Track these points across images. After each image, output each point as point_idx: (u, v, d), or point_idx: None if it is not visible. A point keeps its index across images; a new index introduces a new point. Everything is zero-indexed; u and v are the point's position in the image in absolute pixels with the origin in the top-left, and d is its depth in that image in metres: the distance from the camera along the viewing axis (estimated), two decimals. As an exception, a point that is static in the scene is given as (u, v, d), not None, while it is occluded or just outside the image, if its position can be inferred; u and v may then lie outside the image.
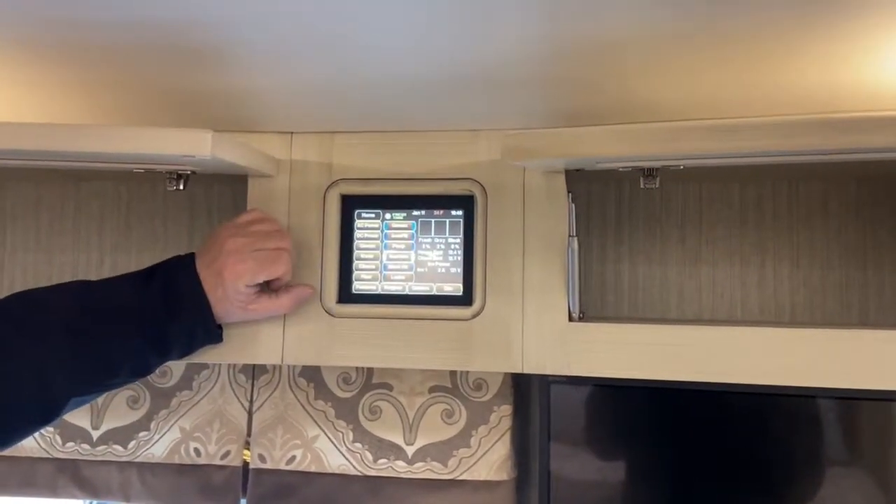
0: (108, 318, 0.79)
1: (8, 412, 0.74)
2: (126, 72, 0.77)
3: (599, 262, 1.07)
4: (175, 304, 0.81)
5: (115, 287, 0.82)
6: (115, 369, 0.80)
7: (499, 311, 0.89)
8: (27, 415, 0.76)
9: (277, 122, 0.93)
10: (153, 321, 0.80)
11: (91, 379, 0.78)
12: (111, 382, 0.81)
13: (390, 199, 0.93)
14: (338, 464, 1.05)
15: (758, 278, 1.04)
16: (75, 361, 0.76)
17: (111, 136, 0.72)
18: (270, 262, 0.84)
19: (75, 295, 0.80)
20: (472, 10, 0.59)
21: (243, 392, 1.09)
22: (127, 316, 0.79)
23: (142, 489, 1.07)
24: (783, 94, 0.77)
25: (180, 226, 1.15)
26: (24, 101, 0.85)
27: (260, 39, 0.68)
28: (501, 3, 0.58)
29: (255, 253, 0.83)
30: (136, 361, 0.81)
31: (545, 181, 0.89)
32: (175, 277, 0.82)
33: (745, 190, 1.04)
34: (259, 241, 0.84)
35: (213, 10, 0.61)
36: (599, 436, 0.97)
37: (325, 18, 0.62)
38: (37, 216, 1.18)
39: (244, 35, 0.67)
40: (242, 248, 0.83)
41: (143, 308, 0.80)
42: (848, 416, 0.89)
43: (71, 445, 1.10)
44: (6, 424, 0.75)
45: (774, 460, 0.91)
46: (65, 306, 0.78)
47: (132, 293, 0.81)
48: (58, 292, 0.81)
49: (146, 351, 0.81)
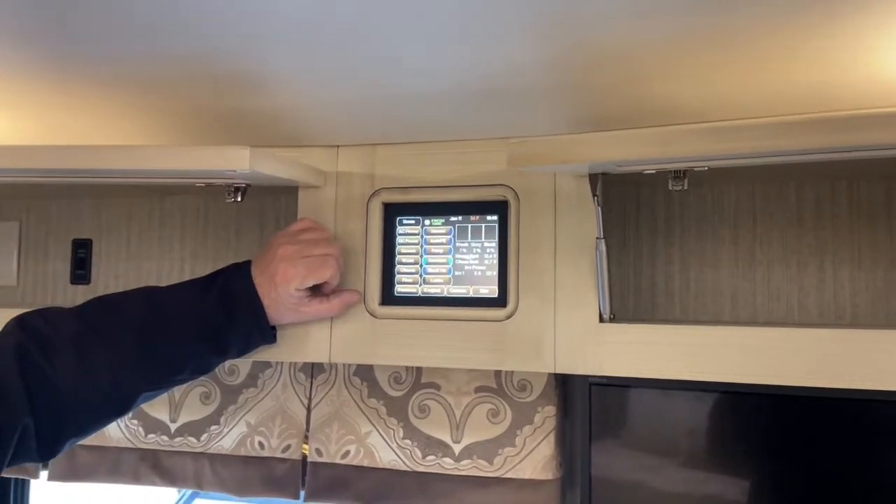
0: (173, 322, 0.87)
1: (86, 406, 0.83)
2: (185, 98, 0.86)
3: (649, 265, 1.06)
4: (232, 307, 0.88)
5: (178, 293, 0.90)
6: (179, 368, 0.88)
7: (532, 312, 0.91)
8: (103, 408, 0.85)
9: (325, 137, 1.00)
10: (213, 324, 0.88)
11: (157, 377, 0.87)
12: (176, 379, 0.89)
13: (429, 206, 0.98)
14: (389, 459, 1.10)
15: (816, 281, 1.00)
16: (143, 361, 0.85)
17: (161, 155, 0.80)
18: (318, 266, 0.90)
19: (144, 301, 0.89)
20: (500, 24, 0.63)
21: (303, 390, 1.16)
22: (189, 320, 0.87)
23: (213, 479, 1.16)
24: (813, 92, 0.76)
25: (251, 234, 1.24)
26: (97, 127, 0.96)
27: (304, 65, 0.75)
28: (524, 17, 0.61)
29: (304, 259, 0.90)
30: (197, 361, 0.89)
31: (576, 185, 0.91)
32: (232, 283, 0.90)
33: (801, 190, 1.01)
34: (308, 248, 0.91)
35: (266, 39, 0.68)
36: (642, 438, 0.97)
37: (364, 42, 0.68)
38: (127, 228, 1.30)
39: (291, 61, 0.74)
40: (293, 254, 0.90)
41: (204, 312, 0.88)
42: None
43: (152, 437, 1.20)
44: (85, 416, 0.84)
45: (826, 466, 0.88)
46: (135, 311, 0.87)
47: (194, 299, 0.89)
48: (129, 298, 0.90)
49: (206, 351, 0.88)
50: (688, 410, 0.95)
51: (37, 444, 0.80)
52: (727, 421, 0.94)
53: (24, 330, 0.81)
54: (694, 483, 0.94)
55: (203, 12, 0.63)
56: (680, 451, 0.95)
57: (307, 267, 0.90)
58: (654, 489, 0.96)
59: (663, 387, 0.94)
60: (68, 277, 1.32)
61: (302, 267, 0.89)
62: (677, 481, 0.95)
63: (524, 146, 0.74)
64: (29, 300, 1.34)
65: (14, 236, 1.35)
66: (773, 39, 0.64)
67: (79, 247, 1.31)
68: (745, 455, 0.93)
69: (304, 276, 0.89)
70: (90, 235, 1.31)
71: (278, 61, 0.74)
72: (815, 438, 0.89)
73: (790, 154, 0.65)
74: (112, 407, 0.85)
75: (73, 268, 1.31)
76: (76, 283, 1.31)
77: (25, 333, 0.81)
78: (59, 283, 1.32)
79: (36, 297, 1.33)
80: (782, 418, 0.90)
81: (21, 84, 0.84)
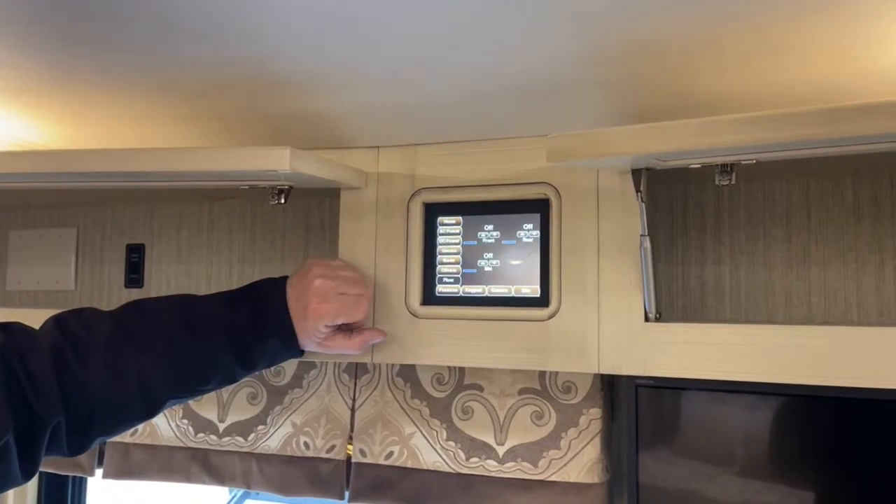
0: (203, 334, 0.89)
1: (114, 407, 0.85)
2: (231, 103, 0.89)
3: (698, 264, 1.04)
4: (262, 327, 0.90)
5: (212, 305, 0.92)
6: (207, 378, 0.90)
7: (575, 311, 0.90)
8: (130, 410, 0.87)
9: (366, 138, 1.01)
10: (241, 340, 0.89)
11: (185, 385, 0.89)
12: (203, 388, 0.91)
13: (470, 205, 0.97)
14: (432, 460, 1.10)
15: (875, 279, 0.96)
16: (172, 370, 0.87)
17: (204, 157, 0.82)
18: (351, 307, 0.91)
19: (178, 311, 0.90)
20: (539, 20, 0.63)
21: (347, 390, 1.17)
22: (219, 333, 0.89)
23: (260, 478, 1.18)
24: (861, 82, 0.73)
25: (297, 238, 1.25)
26: (146, 135, 0.99)
27: (349, 68, 0.76)
28: (563, 12, 0.61)
29: (338, 297, 0.90)
30: (224, 373, 0.90)
31: (619, 182, 0.89)
32: (265, 302, 0.91)
33: (858, 184, 0.97)
34: (344, 286, 0.91)
35: (311, 43, 0.70)
36: (695, 444, 0.94)
37: (405, 43, 0.69)
38: (178, 232, 1.33)
39: (337, 64, 0.75)
40: (329, 290, 0.90)
41: (235, 327, 0.89)
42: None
43: (201, 436, 1.23)
44: (112, 417, 0.86)
45: (883, 468, 0.84)
46: (168, 321, 0.89)
47: (226, 313, 0.90)
48: (164, 307, 0.91)
49: (234, 365, 0.90)
50: (743, 415, 0.91)
51: (66, 441, 0.82)
52: (786, 426, 0.90)
53: (60, 330, 0.84)
54: (751, 493, 0.90)
55: (251, 18, 0.65)
56: (735, 459, 0.92)
57: (341, 305, 0.90)
58: (707, 499, 0.92)
59: (716, 389, 0.91)
60: (122, 281, 1.36)
61: (335, 304, 0.90)
62: (733, 491, 0.91)
63: (563, 140, 0.73)
64: (86, 303, 1.38)
65: (72, 242, 1.40)
66: (818, 28, 0.62)
67: (132, 251, 1.35)
68: (807, 463, 0.89)
69: (335, 314, 0.90)
70: (143, 240, 1.35)
71: (324, 64, 0.75)
72: (883, 445, 0.84)
73: (838, 143, 0.63)
74: (139, 410, 0.87)
75: (127, 272, 1.35)
76: (130, 287, 1.35)
77: (61, 334, 0.84)
78: (115, 287, 1.37)
79: (93, 300, 1.37)
80: (846, 423, 0.86)
81: (72, 93, 0.87)
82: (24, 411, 0.78)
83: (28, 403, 0.78)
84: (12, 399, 0.77)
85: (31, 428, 0.78)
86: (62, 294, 1.40)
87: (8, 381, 0.78)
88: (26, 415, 0.78)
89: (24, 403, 0.78)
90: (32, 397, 0.79)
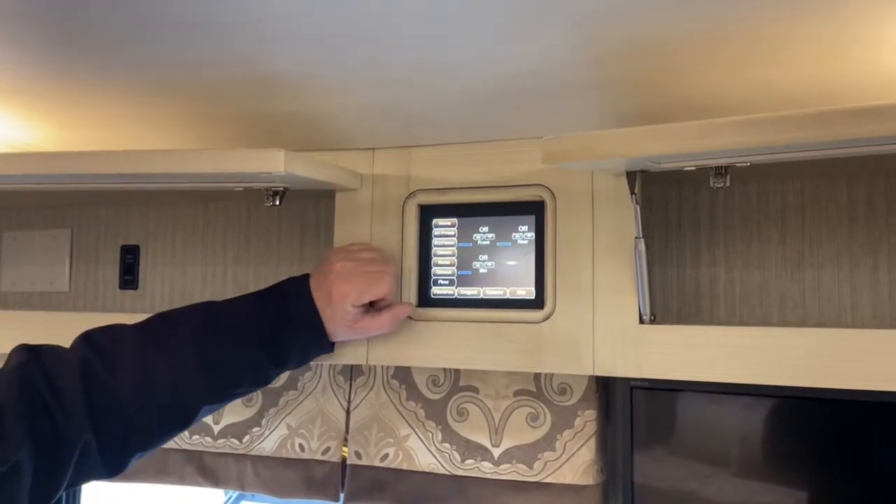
0: (231, 336, 0.88)
1: (149, 419, 0.84)
2: (224, 104, 0.88)
3: (693, 266, 1.04)
4: (290, 323, 0.89)
5: (237, 307, 0.91)
6: (239, 381, 0.89)
7: (569, 313, 0.90)
8: (165, 421, 0.86)
9: (361, 140, 1.01)
10: (270, 336, 0.89)
11: (217, 389, 0.88)
12: (236, 392, 0.91)
13: (465, 207, 0.97)
14: (427, 462, 1.09)
15: (870, 281, 0.96)
16: (203, 374, 0.86)
17: (198, 159, 0.82)
18: (374, 282, 0.91)
19: (203, 316, 0.90)
20: (537, 21, 0.63)
21: (342, 392, 1.16)
22: (248, 334, 0.88)
23: (255, 480, 1.17)
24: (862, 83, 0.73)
25: (293, 240, 1.25)
26: (140, 137, 0.99)
27: (340, 69, 0.76)
28: (561, 12, 0.61)
29: (361, 274, 0.90)
30: (256, 374, 0.90)
31: (614, 184, 0.89)
32: (290, 298, 0.91)
33: (852, 186, 0.98)
34: (364, 265, 0.91)
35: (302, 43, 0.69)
36: (690, 445, 0.94)
37: (400, 44, 0.69)
38: (173, 233, 1.33)
39: (328, 65, 0.75)
40: (350, 270, 0.90)
41: (261, 323, 0.89)
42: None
43: (196, 438, 1.22)
44: (148, 430, 0.85)
45: (889, 477, 0.84)
46: (195, 322, 0.88)
47: (252, 313, 0.90)
48: (188, 312, 0.91)
49: (265, 365, 0.89)
50: (738, 417, 0.92)
51: (101, 460, 0.81)
52: (781, 428, 0.90)
53: (88, 346, 0.83)
54: (747, 494, 0.91)
55: (241, 17, 0.64)
56: (730, 460, 0.92)
57: (364, 282, 0.90)
58: (702, 499, 0.92)
59: (711, 390, 0.91)
60: (117, 283, 1.35)
61: (358, 282, 0.90)
62: (728, 491, 0.92)
63: (558, 143, 0.73)
64: (80, 305, 1.38)
65: (66, 243, 1.39)
66: (817, 29, 0.62)
67: (127, 253, 1.35)
68: (802, 464, 0.89)
69: (360, 292, 0.90)
70: (137, 242, 1.35)
71: (315, 65, 0.75)
72: (876, 446, 0.85)
73: (834, 146, 0.63)
74: (174, 420, 0.87)
75: (121, 273, 1.35)
76: (124, 289, 1.34)
77: (90, 349, 0.83)
78: (109, 288, 1.36)
79: (87, 301, 1.37)
80: (840, 424, 0.87)
81: (66, 94, 0.86)
82: (45, 431, 0.76)
83: (52, 421, 0.77)
84: (31, 419, 0.75)
85: (55, 447, 0.77)
86: (56, 295, 1.40)
87: (27, 400, 0.76)
88: (49, 434, 0.76)
89: (47, 421, 0.76)
90: (58, 414, 0.77)
